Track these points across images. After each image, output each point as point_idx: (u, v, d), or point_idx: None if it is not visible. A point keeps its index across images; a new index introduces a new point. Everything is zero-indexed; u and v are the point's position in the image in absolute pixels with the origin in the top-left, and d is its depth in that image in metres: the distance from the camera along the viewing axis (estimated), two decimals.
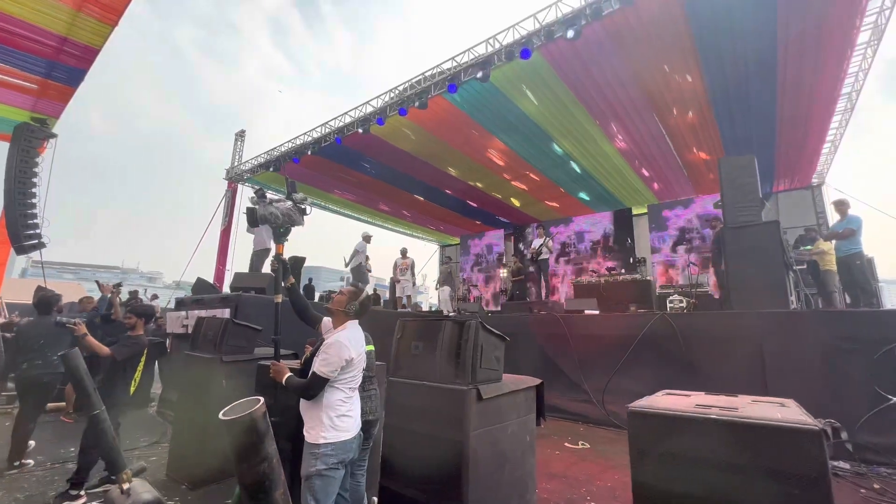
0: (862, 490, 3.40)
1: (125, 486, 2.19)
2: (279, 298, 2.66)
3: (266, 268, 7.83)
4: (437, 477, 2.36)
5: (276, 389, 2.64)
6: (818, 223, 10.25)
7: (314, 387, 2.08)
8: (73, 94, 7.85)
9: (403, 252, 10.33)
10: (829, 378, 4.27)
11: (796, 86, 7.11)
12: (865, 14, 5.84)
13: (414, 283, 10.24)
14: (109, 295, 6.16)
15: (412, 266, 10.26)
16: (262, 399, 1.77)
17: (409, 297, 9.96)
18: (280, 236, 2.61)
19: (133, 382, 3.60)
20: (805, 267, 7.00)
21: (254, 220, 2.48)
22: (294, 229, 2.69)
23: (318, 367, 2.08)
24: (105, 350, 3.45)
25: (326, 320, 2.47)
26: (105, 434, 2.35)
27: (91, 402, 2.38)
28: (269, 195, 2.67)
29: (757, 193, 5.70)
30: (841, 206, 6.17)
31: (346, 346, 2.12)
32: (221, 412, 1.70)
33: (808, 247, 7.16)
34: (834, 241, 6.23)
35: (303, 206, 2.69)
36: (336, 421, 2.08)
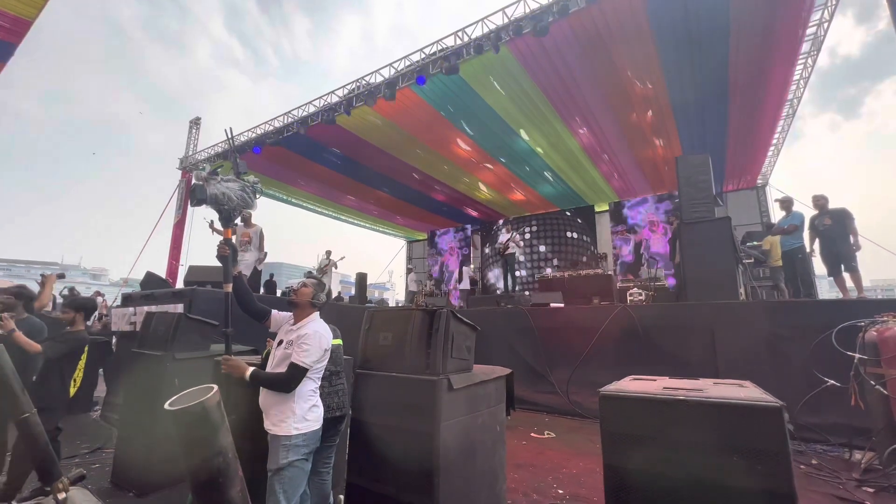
0: (802, 466, 3.66)
1: (61, 496, 1.97)
2: (229, 288, 2.46)
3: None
4: (406, 470, 2.30)
5: (228, 385, 2.48)
6: (762, 221, 10.99)
7: (295, 379, 2.06)
8: (0, 71, 7.10)
9: (246, 219, 7.10)
10: (772, 363, 4.60)
11: (747, 91, 7.55)
12: (808, 25, 6.28)
13: (258, 259, 7.11)
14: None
15: (259, 237, 7.09)
16: (215, 387, 1.61)
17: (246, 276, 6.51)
18: (229, 220, 2.42)
19: (73, 383, 3.28)
20: (752, 261, 7.48)
21: (202, 198, 2.23)
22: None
23: (298, 358, 2.07)
24: (35, 347, 3.11)
25: (277, 314, 2.42)
26: (36, 440, 2.11)
27: (19, 405, 2.13)
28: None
29: (711, 191, 6.01)
30: (786, 203, 6.61)
31: (325, 336, 2.17)
32: (168, 402, 1.54)
33: (755, 242, 7.67)
34: (778, 237, 6.67)
35: (254, 188, 2.50)
36: (308, 412, 2.11)
